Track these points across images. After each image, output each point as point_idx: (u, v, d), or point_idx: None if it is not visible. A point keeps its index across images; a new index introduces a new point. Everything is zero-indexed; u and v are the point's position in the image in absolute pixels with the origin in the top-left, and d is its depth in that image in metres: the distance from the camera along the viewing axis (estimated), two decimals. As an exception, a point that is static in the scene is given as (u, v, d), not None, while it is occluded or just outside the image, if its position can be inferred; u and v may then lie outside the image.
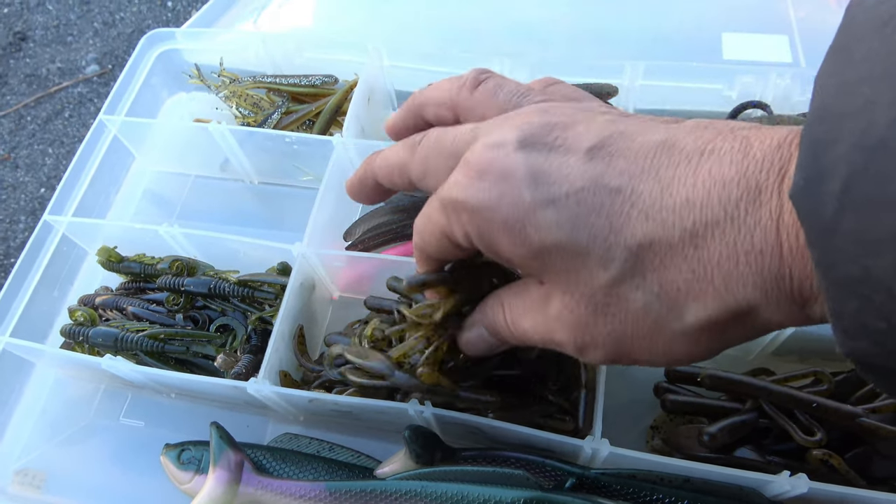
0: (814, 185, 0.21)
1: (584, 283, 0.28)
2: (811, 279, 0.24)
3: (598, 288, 0.28)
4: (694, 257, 0.25)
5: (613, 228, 0.26)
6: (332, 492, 0.48)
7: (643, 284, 0.27)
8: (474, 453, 0.49)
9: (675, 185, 0.26)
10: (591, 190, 0.27)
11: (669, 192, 0.26)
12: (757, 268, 0.24)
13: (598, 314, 0.28)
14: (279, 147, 0.65)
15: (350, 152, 0.62)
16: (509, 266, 0.36)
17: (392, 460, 0.50)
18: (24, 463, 0.60)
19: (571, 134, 0.28)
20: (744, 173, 0.24)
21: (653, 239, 0.26)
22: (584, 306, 0.28)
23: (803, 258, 0.23)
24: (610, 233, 0.26)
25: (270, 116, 0.71)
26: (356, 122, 0.64)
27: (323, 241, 0.58)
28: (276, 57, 0.73)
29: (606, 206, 0.26)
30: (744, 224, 0.24)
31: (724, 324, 0.26)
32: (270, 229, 0.69)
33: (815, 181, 0.21)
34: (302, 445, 0.54)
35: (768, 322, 0.26)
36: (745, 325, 0.26)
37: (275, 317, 0.52)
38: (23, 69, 1.48)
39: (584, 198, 0.27)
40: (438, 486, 0.46)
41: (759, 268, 0.24)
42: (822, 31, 0.81)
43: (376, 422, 0.53)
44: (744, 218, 0.24)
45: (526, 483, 0.44)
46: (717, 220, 0.25)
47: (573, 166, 0.27)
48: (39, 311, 0.62)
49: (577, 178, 0.27)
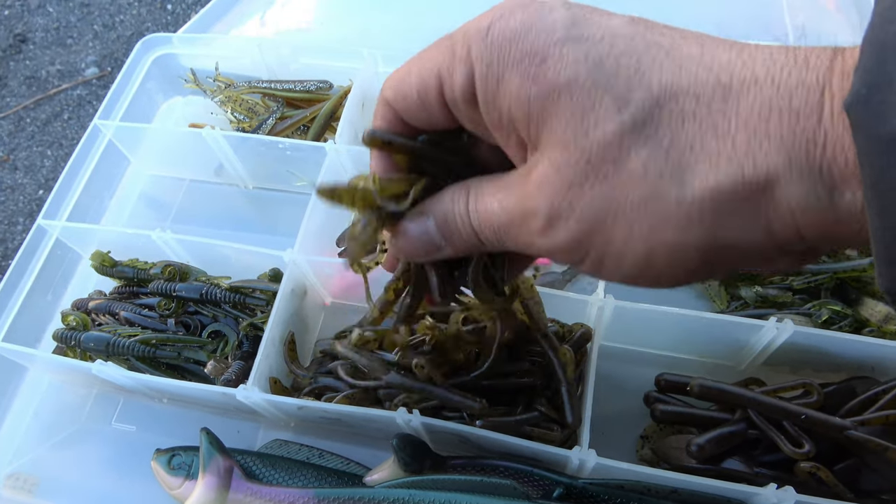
0: (876, 93, 0.18)
1: (585, 133, 0.24)
2: (847, 154, 0.21)
3: (600, 138, 0.24)
4: (720, 111, 0.23)
5: (640, 69, 0.24)
6: (321, 499, 0.48)
7: (654, 138, 0.23)
8: (463, 462, 0.49)
9: (718, 50, 0.24)
10: (628, 37, 0.25)
11: (711, 53, 0.24)
12: (789, 128, 0.22)
13: (589, 173, 0.24)
14: (273, 153, 0.65)
15: (343, 158, 0.62)
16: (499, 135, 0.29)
17: (381, 468, 0.50)
18: (16, 467, 0.60)
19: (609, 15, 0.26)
20: (793, 50, 0.23)
21: (680, 87, 0.23)
22: (576, 161, 0.25)
23: (844, 126, 0.21)
24: (636, 73, 0.24)
25: (265, 122, 0.71)
26: (350, 127, 0.64)
27: (315, 247, 0.58)
28: (272, 62, 0.73)
29: (640, 50, 0.24)
30: (784, 84, 0.22)
31: (731, 202, 0.23)
32: (264, 234, 0.70)
33: (879, 89, 0.18)
34: (292, 452, 0.54)
35: (784, 206, 0.22)
36: (754, 211, 0.23)
37: (266, 323, 0.52)
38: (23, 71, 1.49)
39: (618, 42, 0.24)
40: (427, 495, 0.46)
41: (790, 128, 0.21)
42: (819, 36, 0.81)
43: (365, 429, 0.53)
44: (786, 79, 0.22)
45: (514, 493, 0.44)
46: (755, 78, 0.22)
47: (615, 20, 0.25)
48: (33, 316, 0.62)
49: (618, 27, 0.25)
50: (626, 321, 0.51)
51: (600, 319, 0.51)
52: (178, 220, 0.72)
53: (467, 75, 0.27)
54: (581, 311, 0.52)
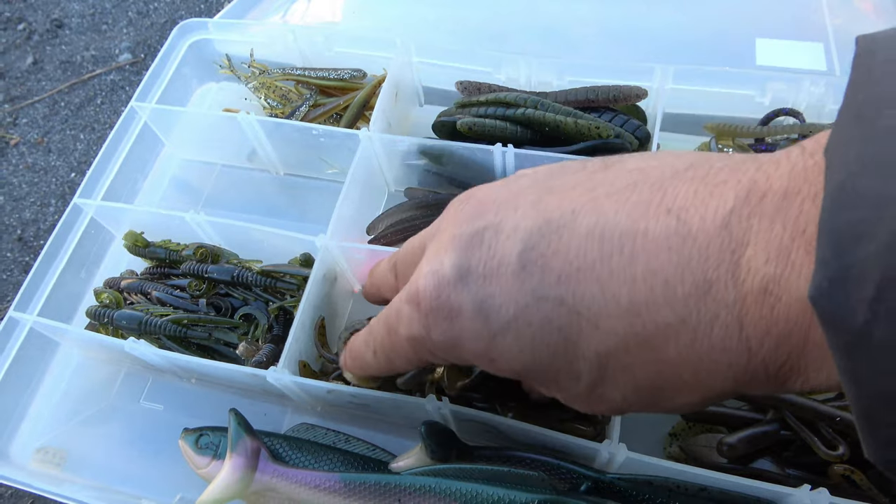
0: (839, 288, 0.17)
1: (566, 390, 0.29)
2: (790, 364, 0.22)
3: (580, 393, 0.28)
4: (656, 360, 0.24)
5: (569, 342, 0.26)
6: (347, 483, 0.48)
7: (619, 385, 0.26)
8: (490, 452, 0.49)
9: (615, 284, 0.24)
10: (535, 306, 0.26)
11: (611, 293, 0.24)
12: (725, 363, 0.23)
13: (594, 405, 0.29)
14: (306, 139, 0.65)
15: (376, 146, 0.62)
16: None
17: (407, 455, 0.50)
18: (45, 441, 0.61)
19: (502, 238, 0.27)
20: (686, 264, 0.22)
21: (608, 348, 0.25)
22: (579, 404, 0.29)
23: (777, 348, 0.21)
24: (567, 348, 0.26)
25: (298, 109, 0.71)
26: (383, 116, 0.65)
27: (346, 233, 0.58)
28: (306, 50, 0.74)
29: (555, 319, 0.25)
30: (699, 325, 0.22)
31: (707, 401, 0.26)
32: (293, 220, 0.70)
33: (841, 284, 0.17)
34: (318, 436, 0.54)
35: (747, 394, 0.27)
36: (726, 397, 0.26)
37: (296, 307, 0.53)
38: (58, 56, 1.51)
39: (532, 316, 0.26)
40: (453, 484, 0.46)
41: (727, 363, 0.23)
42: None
43: (393, 416, 0.54)
44: (697, 319, 0.22)
45: (542, 484, 0.44)
46: (667, 323, 0.23)
47: (511, 282, 0.26)
48: (66, 293, 0.63)
49: (519, 293, 0.26)
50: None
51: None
52: (209, 205, 0.73)
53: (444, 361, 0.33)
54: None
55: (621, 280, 0.24)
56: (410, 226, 0.64)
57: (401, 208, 0.65)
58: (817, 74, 0.68)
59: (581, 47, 0.81)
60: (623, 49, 0.80)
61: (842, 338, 0.18)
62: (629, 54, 0.78)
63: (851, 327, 0.17)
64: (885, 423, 0.18)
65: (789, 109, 0.61)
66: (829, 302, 0.18)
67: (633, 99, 0.63)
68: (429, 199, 0.65)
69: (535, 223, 0.26)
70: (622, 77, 0.63)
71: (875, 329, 0.17)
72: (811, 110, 0.61)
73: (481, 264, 0.27)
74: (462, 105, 0.67)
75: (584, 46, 0.81)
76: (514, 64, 0.66)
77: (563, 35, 0.82)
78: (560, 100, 0.64)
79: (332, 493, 0.48)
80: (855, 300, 0.17)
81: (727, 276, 0.21)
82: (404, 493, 0.47)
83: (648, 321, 0.23)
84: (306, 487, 0.49)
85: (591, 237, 0.24)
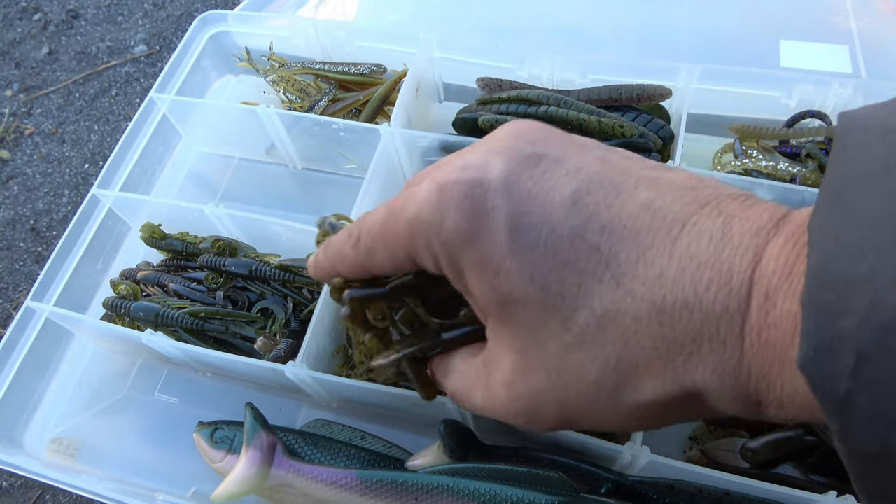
0: (823, 358, 0.19)
1: (541, 343, 0.27)
2: (768, 381, 0.23)
3: (554, 351, 0.27)
4: (658, 335, 0.24)
5: (583, 289, 0.25)
6: (364, 480, 0.47)
7: (601, 355, 0.25)
8: (508, 452, 0.49)
9: (652, 254, 0.24)
10: (569, 240, 0.25)
11: (644, 260, 0.24)
12: (718, 356, 0.23)
13: (551, 381, 0.27)
14: (325, 133, 0.65)
15: (396, 141, 0.62)
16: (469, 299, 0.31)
17: (424, 453, 0.50)
18: (60, 432, 0.61)
19: (560, 171, 0.27)
20: (719, 256, 0.23)
21: (619, 308, 0.25)
22: (537, 371, 0.27)
23: (763, 358, 0.22)
24: (578, 293, 0.25)
25: (318, 103, 0.71)
26: (404, 112, 0.64)
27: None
28: (326, 44, 0.73)
29: (582, 260, 0.25)
30: (711, 310, 0.23)
31: (676, 401, 0.25)
32: (311, 214, 0.69)
33: (824, 354, 0.19)
34: (334, 432, 0.54)
35: (715, 409, 0.25)
36: (691, 408, 0.26)
37: (315, 302, 0.52)
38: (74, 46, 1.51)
39: (561, 248, 0.25)
40: (471, 483, 0.45)
41: (719, 356, 0.23)
42: (882, 43, 0.79)
43: (410, 413, 0.53)
44: (712, 303, 0.23)
45: (562, 486, 0.44)
46: (686, 301, 0.24)
47: (556, 210, 0.26)
48: (82, 283, 0.63)
49: (558, 223, 0.26)
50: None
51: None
52: (226, 198, 0.73)
53: (435, 262, 0.29)
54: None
55: (659, 253, 0.24)
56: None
57: (419, 205, 0.65)
58: (845, 77, 0.67)
59: (603, 46, 0.80)
60: (644, 48, 0.79)
61: (828, 402, 0.20)
62: (651, 53, 0.77)
63: (835, 394, 0.19)
64: (873, 479, 0.19)
65: (816, 112, 0.60)
66: (814, 369, 0.20)
67: (658, 98, 0.62)
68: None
69: (599, 173, 0.27)
70: (646, 76, 0.62)
71: (857, 397, 0.18)
72: (836, 113, 0.60)
73: (531, 182, 0.27)
74: (483, 102, 0.67)
75: (606, 45, 0.80)
76: (536, 61, 0.66)
77: (585, 33, 0.81)
78: (583, 98, 0.63)
79: (348, 490, 0.48)
80: (837, 370, 0.19)
81: (746, 272, 0.23)
82: (421, 491, 0.46)
83: (669, 294, 0.24)
84: (322, 484, 0.49)
85: (646, 209, 0.25)
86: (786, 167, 0.58)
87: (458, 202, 0.27)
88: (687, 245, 0.24)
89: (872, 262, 0.18)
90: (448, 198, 0.27)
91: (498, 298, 0.27)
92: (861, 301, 0.18)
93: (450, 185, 0.27)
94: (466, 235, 0.27)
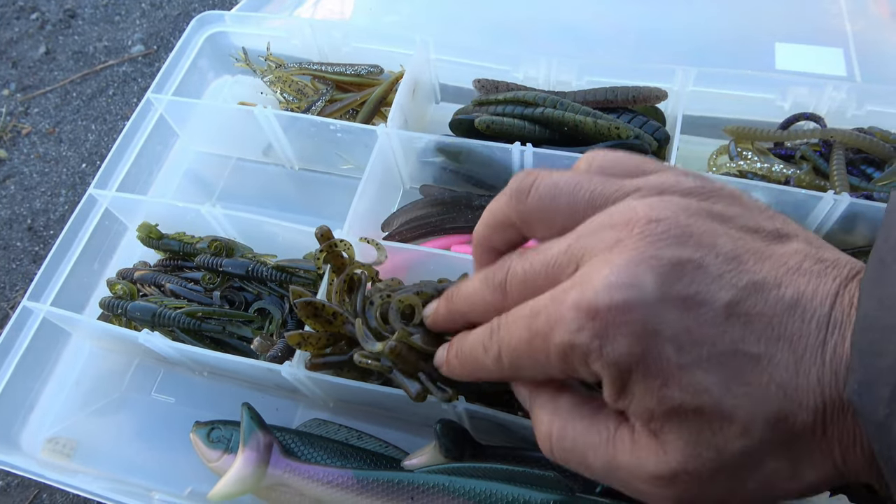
0: (866, 389, 0.23)
1: (714, 447, 0.27)
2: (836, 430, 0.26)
3: (731, 453, 0.27)
4: (822, 440, 0.26)
5: (754, 399, 0.26)
6: (360, 479, 0.48)
7: (780, 455, 0.26)
8: (504, 451, 0.49)
9: (807, 358, 0.26)
10: (731, 354, 0.26)
11: (802, 367, 0.26)
12: (867, 456, 0.26)
13: (718, 476, 0.27)
14: (322, 134, 0.65)
15: (393, 142, 0.62)
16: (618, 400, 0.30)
17: (420, 453, 0.50)
18: (56, 431, 0.61)
19: (707, 281, 0.27)
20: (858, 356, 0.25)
21: (787, 415, 0.26)
22: (708, 467, 0.27)
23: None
24: (751, 405, 0.26)
25: (315, 104, 0.71)
26: (400, 113, 0.64)
27: (362, 229, 0.58)
28: (323, 45, 0.74)
29: (747, 373, 0.26)
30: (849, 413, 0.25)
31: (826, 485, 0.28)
32: (308, 215, 0.70)
33: (867, 386, 0.23)
34: (331, 432, 0.54)
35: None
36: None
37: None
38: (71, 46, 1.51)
39: (727, 363, 0.26)
40: (467, 482, 0.45)
41: (868, 456, 0.25)
42: (877, 46, 0.79)
43: (405, 412, 0.53)
44: (848, 407, 0.25)
45: (557, 485, 0.44)
46: (840, 408, 0.25)
47: (713, 326, 0.26)
48: (79, 283, 0.63)
49: (719, 339, 0.26)
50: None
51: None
52: (223, 198, 0.73)
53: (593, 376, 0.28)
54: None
55: (813, 359, 0.26)
56: (426, 223, 0.64)
57: (416, 205, 0.65)
58: (839, 80, 0.67)
59: (600, 47, 0.80)
60: (641, 50, 0.79)
61: (870, 425, 0.24)
62: (647, 56, 0.77)
63: (876, 419, 0.23)
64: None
65: (810, 114, 0.60)
66: (859, 399, 0.24)
67: (653, 100, 0.62)
68: (444, 197, 0.65)
69: (743, 279, 0.27)
70: (642, 78, 0.63)
71: (893, 422, 0.23)
72: (832, 116, 0.60)
73: (683, 296, 0.27)
74: (480, 103, 0.67)
75: (603, 46, 0.80)
76: (533, 63, 0.66)
77: (582, 35, 0.82)
78: (579, 99, 0.63)
79: (344, 489, 0.48)
80: (878, 399, 0.23)
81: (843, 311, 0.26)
82: (417, 491, 0.46)
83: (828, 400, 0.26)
84: (319, 483, 0.49)
85: (792, 309, 0.26)
86: (780, 169, 0.58)
87: (617, 328, 0.27)
88: (833, 347, 0.26)
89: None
90: (604, 323, 0.27)
91: (665, 408, 0.27)
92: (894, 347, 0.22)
93: (603, 311, 0.27)
94: (632, 358, 0.27)
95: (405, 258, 0.59)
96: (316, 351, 0.46)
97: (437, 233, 0.64)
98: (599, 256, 0.28)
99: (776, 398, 0.26)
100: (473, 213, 0.63)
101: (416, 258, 0.58)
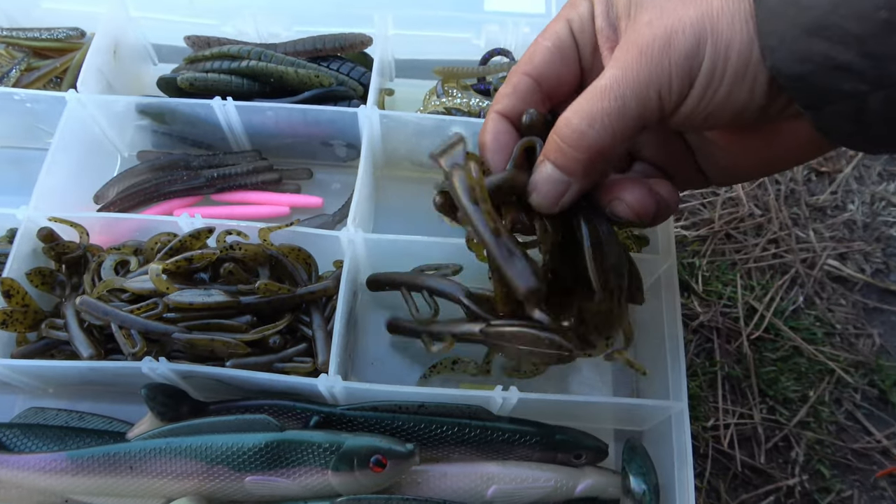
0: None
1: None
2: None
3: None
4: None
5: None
6: (74, 460, 0.46)
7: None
8: (224, 406, 0.50)
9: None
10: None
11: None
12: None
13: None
14: (10, 107, 0.60)
15: (90, 109, 0.58)
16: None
17: (141, 422, 0.49)
18: None
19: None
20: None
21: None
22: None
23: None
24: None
25: (7, 74, 0.65)
26: (100, 76, 0.61)
27: (63, 206, 0.55)
28: (10, 8, 0.67)
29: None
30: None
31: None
32: (17, 196, 0.64)
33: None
34: (49, 418, 0.52)
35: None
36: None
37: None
38: None
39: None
40: (183, 441, 0.46)
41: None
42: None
43: (121, 384, 0.52)
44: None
45: (267, 427, 0.45)
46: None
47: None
48: None
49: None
50: (378, 253, 0.54)
51: (355, 254, 0.53)
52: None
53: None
54: (336, 248, 0.53)
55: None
56: (144, 188, 0.61)
57: (132, 172, 0.62)
58: (532, 16, 0.73)
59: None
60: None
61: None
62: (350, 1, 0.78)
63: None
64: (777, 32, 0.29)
65: (501, 49, 0.65)
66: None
67: (360, 46, 0.64)
68: (161, 161, 0.63)
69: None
70: (348, 25, 0.64)
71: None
72: (521, 49, 0.66)
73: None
74: (191, 60, 0.65)
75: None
76: (240, 16, 0.65)
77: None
78: (289, 51, 0.63)
79: (59, 473, 0.46)
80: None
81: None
82: (135, 459, 0.46)
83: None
84: (31, 471, 0.47)
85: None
86: (476, 102, 0.63)
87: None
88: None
89: None
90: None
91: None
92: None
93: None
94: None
95: (128, 227, 0.57)
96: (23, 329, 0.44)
97: (158, 198, 0.62)
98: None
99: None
100: (193, 173, 0.61)
101: (138, 226, 0.56)
